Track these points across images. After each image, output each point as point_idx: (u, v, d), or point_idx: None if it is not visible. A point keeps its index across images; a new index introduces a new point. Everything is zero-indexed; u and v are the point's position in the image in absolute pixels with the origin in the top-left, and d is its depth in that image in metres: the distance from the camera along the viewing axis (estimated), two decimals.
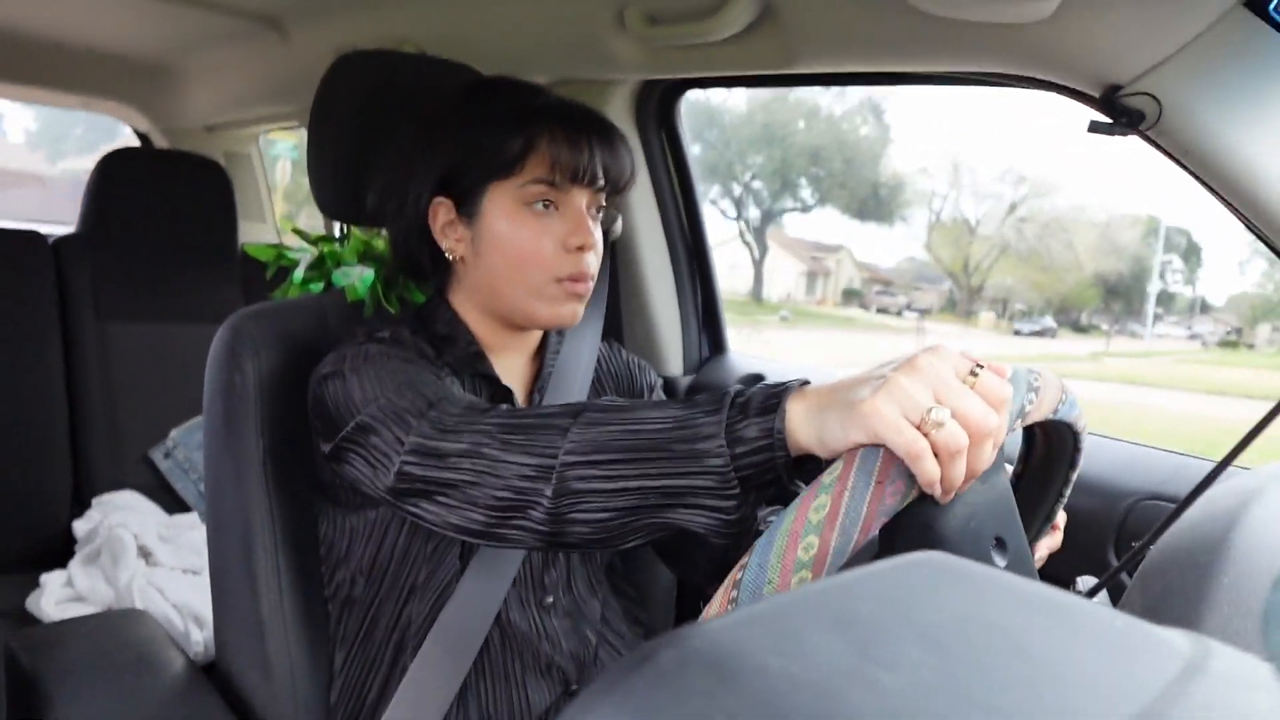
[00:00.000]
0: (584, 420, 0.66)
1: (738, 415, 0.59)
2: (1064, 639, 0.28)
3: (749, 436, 0.58)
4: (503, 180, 0.88)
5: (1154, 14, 0.81)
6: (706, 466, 0.59)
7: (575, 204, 0.89)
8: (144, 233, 1.94)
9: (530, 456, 0.67)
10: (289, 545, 0.97)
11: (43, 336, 1.82)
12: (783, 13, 1.07)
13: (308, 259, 1.13)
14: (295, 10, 1.64)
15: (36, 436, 1.79)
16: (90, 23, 1.87)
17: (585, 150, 0.87)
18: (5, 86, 2.27)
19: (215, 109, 2.29)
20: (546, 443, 0.66)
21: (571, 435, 0.65)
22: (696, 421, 0.61)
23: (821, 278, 17.74)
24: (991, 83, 1.04)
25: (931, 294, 17.65)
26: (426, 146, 0.91)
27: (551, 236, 0.88)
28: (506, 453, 0.68)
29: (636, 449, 0.62)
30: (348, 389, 0.81)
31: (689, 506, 0.61)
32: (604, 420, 0.65)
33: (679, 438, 0.61)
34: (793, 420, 0.58)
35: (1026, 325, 15.79)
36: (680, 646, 0.25)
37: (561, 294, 0.90)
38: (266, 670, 0.97)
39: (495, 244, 0.89)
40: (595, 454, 0.64)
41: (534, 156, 0.87)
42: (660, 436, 0.62)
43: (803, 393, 0.59)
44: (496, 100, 0.90)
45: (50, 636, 1.07)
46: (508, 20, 1.35)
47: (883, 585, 0.30)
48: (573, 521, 0.65)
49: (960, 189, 18.24)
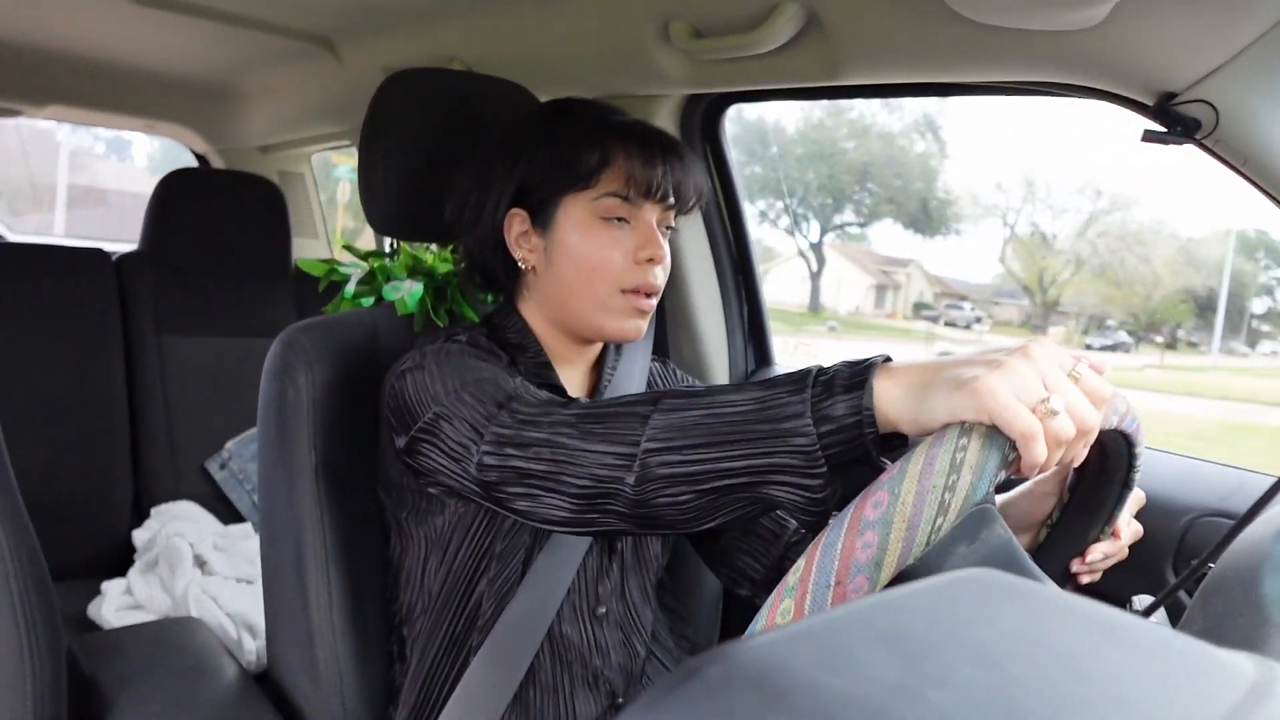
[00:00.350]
0: (664, 406, 0.66)
1: (822, 393, 0.59)
2: (1121, 660, 0.28)
3: (836, 415, 0.58)
4: (577, 192, 0.90)
5: (1208, 20, 0.79)
6: (793, 446, 0.59)
7: (646, 219, 0.91)
8: (202, 250, 2.00)
9: (610, 444, 0.67)
10: (340, 555, 0.98)
11: (106, 351, 1.88)
12: (828, 24, 1.06)
13: (359, 274, 1.15)
14: (346, 30, 1.68)
15: (99, 448, 1.85)
16: (152, 47, 1.93)
17: (659, 167, 0.89)
18: (72, 110, 2.35)
19: (269, 129, 2.35)
20: (627, 430, 0.66)
21: (653, 422, 0.65)
22: (780, 400, 0.60)
23: (891, 291, 17.66)
24: (1041, 92, 1.02)
25: (1011, 309, 17.46)
26: (506, 159, 0.94)
27: (621, 249, 0.90)
28: (586, 441, 0.68)
29: (718, 431, 0.62)
30: (427, 381, 0.83)
31: (775, 485, 0.60)
32: (685, 406, 0.65)
33: (763, 418, 0.60)
34: (883, 397, 0.57)
35: (1098, 339, 15.48)
36: (726, 662, 0.25)
37: (626, 307, 0.91)
38: (316, 679, 0.98)
39: (566, 254, 0.91)
40: (677, 439, 0.64)
41: (609, 171, 0.89)
42: (744, 417, 0.61)
43: (889, 369, 0.58)
44: (575, 117, 0.93)
45: (110, 643, 1.10)
46: (553, 36, 1.37)
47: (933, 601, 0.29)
48: (659, 505, 0.65)
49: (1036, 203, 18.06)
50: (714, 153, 1.56)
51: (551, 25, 1.35)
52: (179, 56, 2.02)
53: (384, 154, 1.04)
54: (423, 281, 1.10)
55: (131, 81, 2.17)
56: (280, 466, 0.99)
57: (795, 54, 1.13)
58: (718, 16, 1.15)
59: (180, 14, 1.60)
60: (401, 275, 1.12)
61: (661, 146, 0.91)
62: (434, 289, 1.10)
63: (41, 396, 1.79)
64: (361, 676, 0.99)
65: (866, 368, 0.59)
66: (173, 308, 1.97)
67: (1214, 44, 0.81)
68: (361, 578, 1.00)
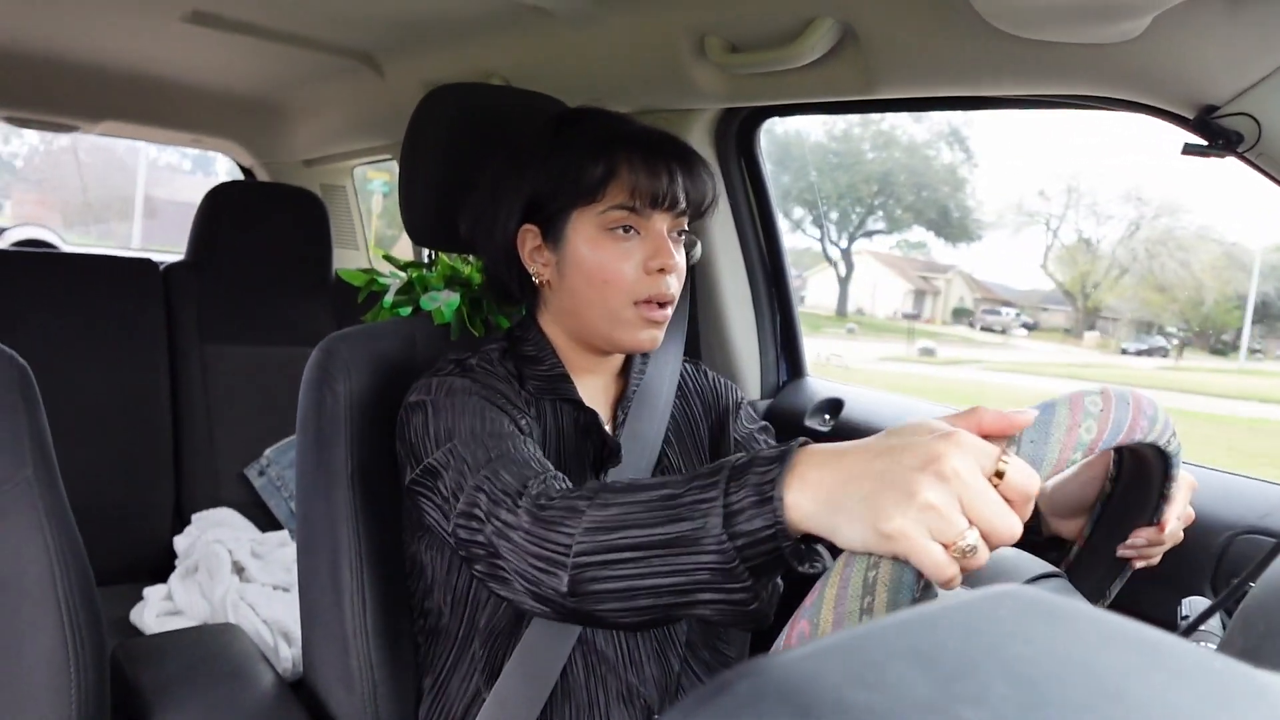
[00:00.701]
0: (588, 521, 0.65)
1: (737, 505, 0.57)
2: (1159, 681, 0.27)
3: (752, 529, 0.56)
4: (585, 206, 0.90)
5: (1249, 33, 0.78)
6: (712, 563, 0.58)
7: (656, 228, 0.91)
8: (246, 260, 2.04)
9: (545, 551, 0.67)
10: (374, 564, 1.00)
11: (152, 359, 1.92)
12: (863, 38, 1.06)
13: (397, 284, 1.17)
14: (390, 48, 1.71)
15: (143, 454, 1.88)
16: (202, 65, 1.98)
17: (664, 175, 0.89)
18: (126, 126, 2.42)
19: (313, 143, 2.39)
20: (560, 540, 0.66)
21: (579, 537, 0.65)
22: (699, 512, 0.59)
23: (930, 296, 17.59)
24: (1079, 105, 1.01)
25: (1058, 315, 17.28)
26: (514, 176, 0.94)
27: (632, 260, 0.90)
28: (528, 541, 0.68)
29: (642, 547, 0.61)
30: (425, 427, 0.84)
31: (702, 602, 0.60)
32: (610, 523, 0.64)
33: (684, 534, 0.59)
34: (794, 513, 0.55)
35: (1134, 344, 15.22)
36: (757, 676, 0.25)
37: (639, 319, 0.91)
38: (349, 685, 0.99)
39: (578, 268, 0.91)
40: (606, 554, 0.63)
41: (614, 183, 0.89)
42: (665, 533, 0.60)
43: (804, 477, 0.55)
44: (579, 129, 0.93)
45: (151, 648, 1.12)
46: (590, 52, 1.38)
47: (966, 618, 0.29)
48: (596, 615, 0.66)
49: (1079, 209, 17.86)
50: (749, 166, 1.57)
51: (589, 41, 1.36)
52: (228, 73, 2.07)
53: (423, 167, 1.05)
54: (459, 292, 1.11)
55: (182, 98, 2.23)
56: (318, 474, 1.00)
57: (830, 68, 1.13)
58: (753, 32, 1.15)
59: (230, 32, 1.64)
60: (439, 286, 1.13)
61: (667, 153, 0.90)
62: (470, 299, 1.11)
63: (88, 403, 1.83)
64: (394, 684, 1.00)
65: (777, 475, 0.56)
66: (216, 317, 2.01)
67: (1255, 57, 0.80)
68: (395, 586, 1.01)
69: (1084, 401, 0.58)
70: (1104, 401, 0.59)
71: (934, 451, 0.51)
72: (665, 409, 1.02)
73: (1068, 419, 0.57)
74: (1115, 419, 0.60)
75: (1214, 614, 0.64)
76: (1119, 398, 0.61)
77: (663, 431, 1.01)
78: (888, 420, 1.42)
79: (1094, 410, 0.58)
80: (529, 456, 0.79)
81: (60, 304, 1.84)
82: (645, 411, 1.00)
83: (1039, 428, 0.56)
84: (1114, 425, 0.60)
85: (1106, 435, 0.59)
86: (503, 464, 0.77)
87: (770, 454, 0.58)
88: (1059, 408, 0.57)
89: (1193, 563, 0.99)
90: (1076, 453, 0.57)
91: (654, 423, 1.00)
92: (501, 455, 0.78)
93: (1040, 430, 0.56)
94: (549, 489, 0.72)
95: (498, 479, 0.75)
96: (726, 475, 0.59)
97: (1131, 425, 0.61)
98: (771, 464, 0.57)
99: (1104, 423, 0.59)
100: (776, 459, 0.57)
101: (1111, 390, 0.61)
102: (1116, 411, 0.60)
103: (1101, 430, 0.59)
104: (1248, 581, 0.57)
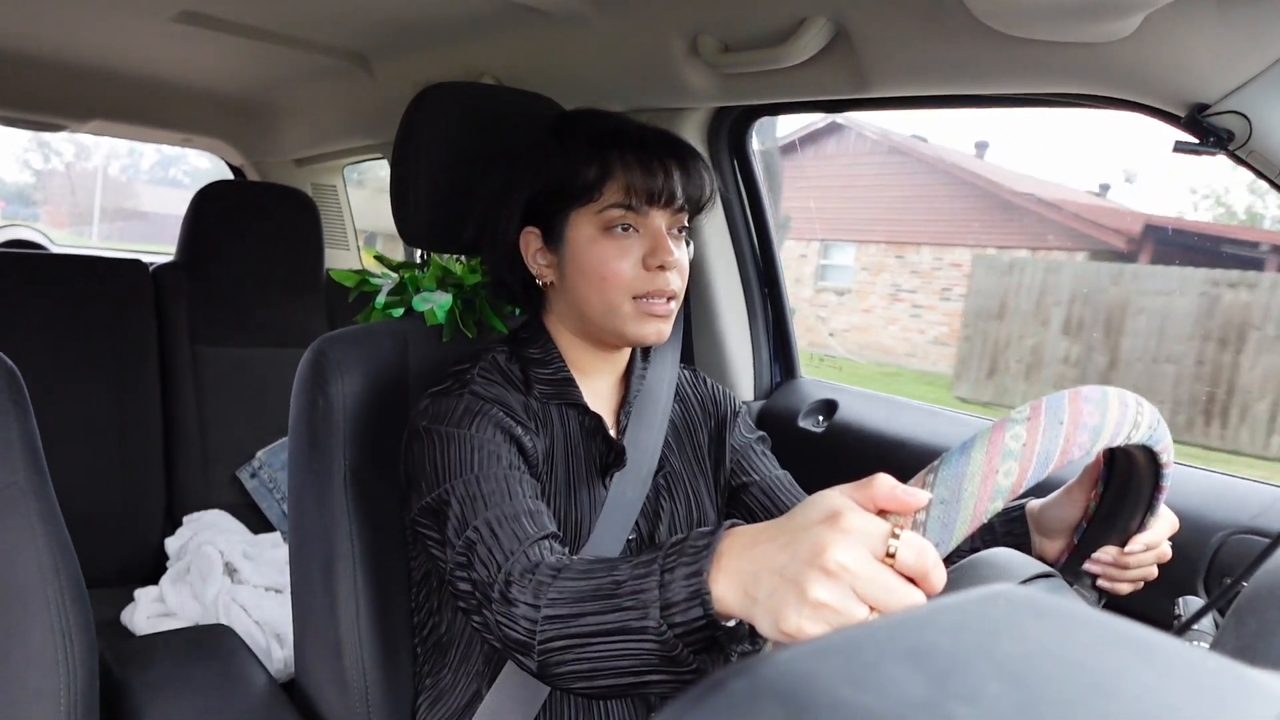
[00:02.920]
0: (548, 608, 0.69)
1: (671, 596, 0.61)
2: (1152, 679, 0.27)
3: (687, 620, 0.60)
4: (583, 207, 0.91)
5: (1240, 31, 0.78)
6: (657, 650, 0.62)
7: (654, 225, 0.91)
8: (237, 260, 2.03)
9: (515, 635, 0.71)
10: (368, 564, 0.99)
11: (142, 360, 1.91)
12: (856, 37, 1.06)
13: (389, 285, 1.17)
14: (381, 48, 1.70)
15: (134, 456, 1.88)
16: (192, 64, 1.98)
17: (660, 172, 0.90)
18: (113, 125, 2.41)
19: (304, 143, 2.39)
20: (525, 627, 0.70)
21: (542, 625, 0.69)
22: (640, 601, 0.63)
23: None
24: (1071, 104, 1.02)
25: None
26: (514, 179, 0.95)
27: (631, 257, 0.91)
28: (500, 624, 0.73)
29: (596, 634, 0.65)
30: (424, 459, 0.86)
31: (656, 681, 0.65)
32: (567, 611, 0.68)
33: (628, 623, 0.63)
34: (721, 604, 0.58)
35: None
36: (752, 675, 0.25)
37: (639, 313, 0.92)
38: (343, 687, 0.99)
39: (578, 267, 0.92)
40: (566, 639, 0.67)
41: (610, 182, 0.90)
42: (613, 621, 0.64)
43: (725, 568, 0.58)
44: (575, 131, 0.94)
45: (141, 650, 1.12)
46: (582, 51, 1.38)
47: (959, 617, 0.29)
48: (571, 689, 0.70)
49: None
50: (741, 165, 1.57)
51: (581, 40, 1.36)
52: (218, 73, 2.06)
53: (415, 167, 1.05)
54: (452, 293, 1.11)
55: (172, 97, 2.22)
56: (310, 475, 1.00)
57: (823, 67, 1.13)
58: (746, 31, 1.15)
59: (220, 32, 1.63)
60: (431, 286, 1.13)
61: (662, 150, 0.91)
62: (463, 300, 1.11)
63: (78, 405, 1.82)
64: (388, 687, 1.00)
65: (703, 567, 0.59)
66: (207, 318, 2.01)
67: (1246, 55, 0.80)
68: (389, 587, 1.00)
69: (1005, 438, 0.54)
70: (1029, 433, 0.54)
71: (820, 544, 0.51)
72: (665, 413, 1.03)
73: (983, 465, 0.53)
74: (1041, 451, 0.54)
75: (1208, 613, 0.64)
76: (1049, 419, 0.55)
77: (663, 436, 1.01)
78: (881, 422, 1.42)
79: (1015, 448, 0.54)
80: (519, 510, 0.81)
81: (49, 305, 1.83)
82: (646, 415, 1.01)
83: (950, 483, 0.52)
84: (1039, 460, 0.54)
85: (1031, 474, 0.54)
86: (494, 527, 0.79)
87: (700, 541, 0.61)
88: (975, 452, 0.53)
89: (1186, 563, 0.99)
90: (995, 501, 0.53)
91: (654, 427, 1.01)
92: (494, 516, 0.80)
93: (952, 486, 0.53)
94: (528, 561, 0.75)
95: (483, 549, 0.78)
96: (660, 564, 0.62)
97: (1065, 450, 0.55)
98: (699, 554, 0.60)
99: (1027, 459, 0.54)
100: (705, 547, 0.60)
101: (1044, 409, 0.56)
102: (1044, 441, 0.54)
103: (1024, 470, 0.54)
104: (1240, 581, 0.57)
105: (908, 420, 1.40)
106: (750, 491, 1.05)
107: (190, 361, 1.97)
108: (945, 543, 0.52)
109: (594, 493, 0.95)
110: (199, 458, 1.95)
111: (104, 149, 16.55)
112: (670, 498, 1.01)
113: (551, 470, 0.94)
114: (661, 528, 1.00)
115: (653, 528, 0.99)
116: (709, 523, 1.03)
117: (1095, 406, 0.57)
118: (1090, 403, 0.57)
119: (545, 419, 0.95)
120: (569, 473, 0.95)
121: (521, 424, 0.90)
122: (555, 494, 0.93)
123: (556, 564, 0.72)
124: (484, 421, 0.87)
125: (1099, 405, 0.57)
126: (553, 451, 0.94)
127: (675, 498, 1.01)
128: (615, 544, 0.94)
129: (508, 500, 0.81)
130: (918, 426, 1.37)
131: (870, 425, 1.42)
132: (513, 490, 0.82)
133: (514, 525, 0.79)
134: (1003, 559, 0.68)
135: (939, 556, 0.51)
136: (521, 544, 0.77)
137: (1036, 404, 0.56)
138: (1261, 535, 0.98)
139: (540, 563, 0.74)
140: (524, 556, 0.75)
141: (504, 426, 0.88)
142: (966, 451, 0.53)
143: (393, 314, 1.14)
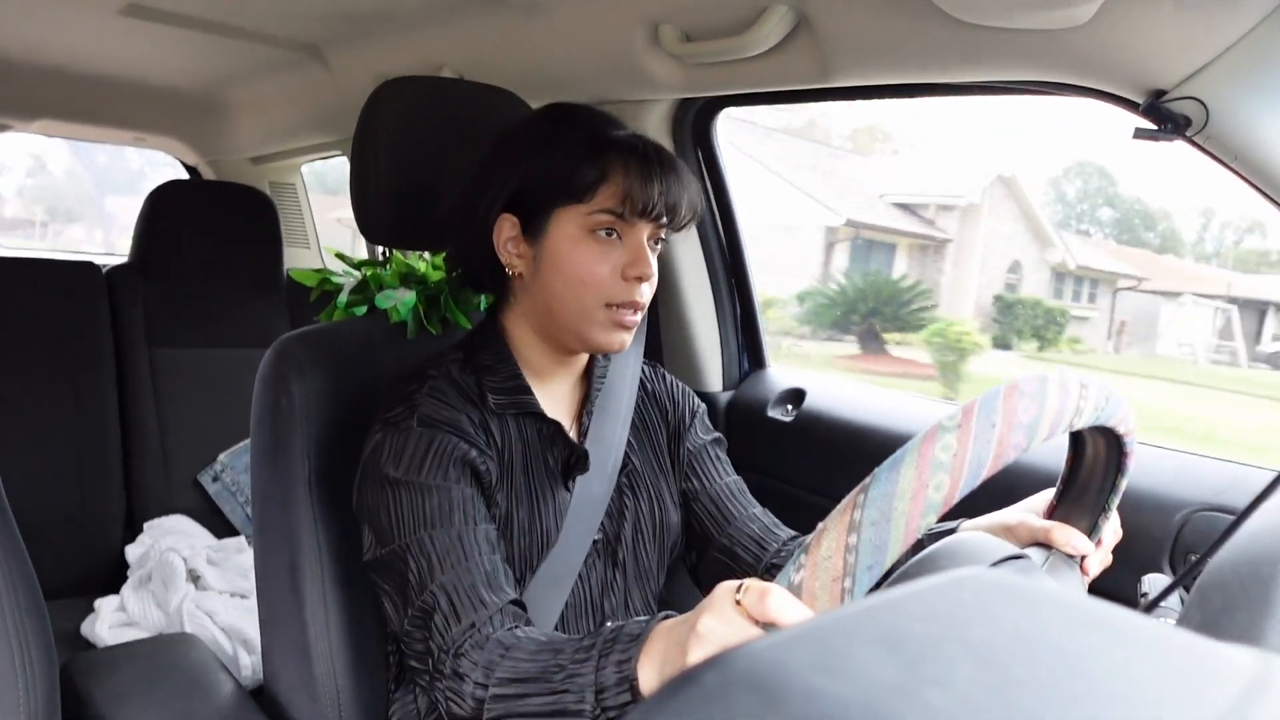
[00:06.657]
0: (496, 688, 0.74)
1: (604, 682, 0.68)
2: (1120, 656, 0.27)
3: (619, 704, 0.67)
4: (572, 205, 0.90)
5: (1196, 16, 0.79)
6: None
7: (637, 236, 0.91)
8: (193, 261, 1.99)
9: (462, 711, 0.76)
10: (336, 567, 0.98)
11: (97, 364, 1.87)
12: (817, 25, 1.07)
13: (351, 283, 1.15)
14: (335, 40, 1.68)
15: (91, 462, 1.84)
16: (141, 60, 1.93)
17: (656, 186, 0.89)
18: (61, 125, 2.35)
19: (260, 140, 2.34)
20: (472, 705, 0.76)
21: (489, 704, 0.74)
22: (578, 685, 0.69)
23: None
24: (1032, 91, 1.03)
25: None
26: (501, 164, 0.93)
27: (611, 264, 0.90)
28: (447, 697, 0.78)
29: (540, 714, 0.71)
30: (376, 505, 0.86)
31: None
32: (512, 690, 0.73)
33: (568, 706, 0.69)
34: (648, 687, 0.66)
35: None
36: (724, 667, 0.25)
37: (609, 322, 0.91)
38: (313, 693, 0.97)
39: (555, 265, 0.91)
40: (510, 717, 0.73)
41: (606, 187, 0.88)
42: (556, 702, 0.70)
43: (651, 653, 0.66)
44: (575, 127, 0.92)
45: (104, 660, 1.09)
46: (542, 42, 1.37)
47: (930, 602, 0.29)
48: None
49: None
50: (706, 157, 1.56)
51: (540, 32, 1.35)
52: (168, 68, 2.02)
53: (375, 163, 1.03)
54: (415, 290, 1.09)
55: (121, 94, 2.17)
56: (274, 477, 0.98)
57: (786, 56, 1.13)
58: (707, 20, 1.15)
59: (168, 25, 1.60)
60: (394, 284, 1.11)
61: (660, 163, 0.90)
62: (426, 297, 1.10)
63: (32, 410, 1.78)
64: (359, 691, 0.99)
65: (632, 656, 0.67)
66: (164, 319, 1.97)
67: (1202, 40, 0.81)
68: (359, 590, 0.99)
69: (935, 450, 0.52)
70: (959, 441, 0.53)
71: (693, 618, 0.62)
72: (628, 412, 1.02)
73: (914, 481, 0.52)
74: (973, 459, 0.53)
75: (1173, 591, 0.65)
76: (981, 423, 0.54)
77: (626, 434, 1.01)
78: (849, 409, 1.43)
79: (945, 459, 0.52)
80: (476, 577, 0.82)
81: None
82: (609, 415, 1.00)
83: (880, 503, 0.51)
84: (971, 469, 0.53)
85: (963, 484, 0.53)
86: (451, 596, 0.81)
87: (634, 629, 0.69)
88: (905, 468, 0.52)
89: (1150, 540, 1.01)
90: (928, 517, 0.52)
91: (617, 427, 1.00)
92: (451, 583, 0.82)
93: (882, 507, 0.51)
94: (480, 636, 0.78)
95: (440, 618, 0.81)
96: (598, 652, 0.70)
97: (999, 454, 0.54)
98: (631, 643, 0.68)
99: (958, 470, 0.53)
100: (637, 637, 0.68)
101: (976, 412, 0.54)
102: (975, 448, 0.53)
103: (955, 482, 0.53)
104: (1205, 559, 0.58)
105: (876, 407, 1.41)
106: (700, 500, 1.04)
107: (148, 364, 1.93)
108: (879, 563, 0.52)
109: (558, 497, 0.95)
110: (159, 462, 1.91)
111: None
112: (634, 496, 1.00)
113: (511, 483, 0.93)
114: (626, 528, 0.99)
115: (618, 529, 0.99)
116: (671, 524, 1.03)
117: (1032, 401, 0.56)
118: (1026, 397, 0.56)
119: (502, 431, 0.94)
120: (529, 481, 0.94)
121: (476, 446, 0.89)
122: (518, 505, 0.92)
123: (506, 641, 0.77)
124: (436, 461, 0.86)
125: (1036, 398, 0.56)
126: (513, 464, 0.93)
127: (639, 497, 1.01)
128: (580, 549, 0.94)
129: (463, 563, 0.82)
130: (886, 413, 1.38)
131: (838, 413, 1.43)
132: (468, 549, 0.83)
133: (471, 595, 0.81)
134: (973, 543, 0.69)
135: (782, 595, 0.56)
136: (477, 616, 0.79)
137: (969, 406, 0.54)
138: (1224, 512, 0.99)
139: (491, 637, 0.78)
140: (477, 632, 0.79)
141: (457, 456, 0.87)
142: (896, 468, 0.52)
143: (355, 312, 1.12)
